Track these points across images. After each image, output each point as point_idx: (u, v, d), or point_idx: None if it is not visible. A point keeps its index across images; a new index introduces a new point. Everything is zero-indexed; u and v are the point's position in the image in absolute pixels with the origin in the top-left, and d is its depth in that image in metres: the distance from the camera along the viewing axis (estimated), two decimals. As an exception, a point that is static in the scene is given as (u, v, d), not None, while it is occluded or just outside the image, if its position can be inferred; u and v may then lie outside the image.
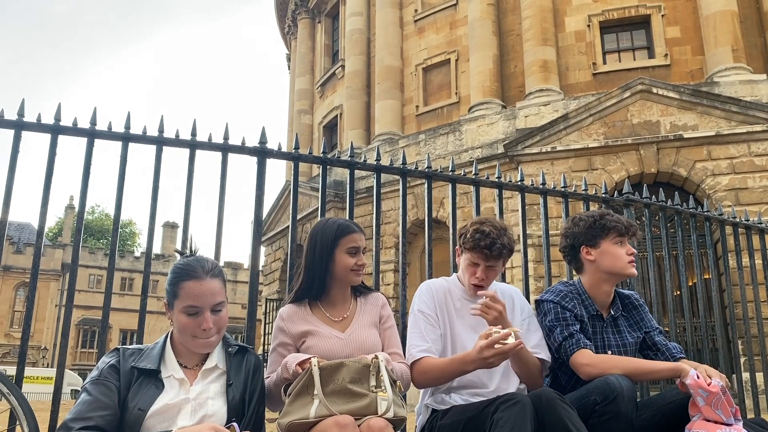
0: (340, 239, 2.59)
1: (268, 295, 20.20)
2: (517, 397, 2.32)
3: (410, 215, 14.77)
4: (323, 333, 2.53)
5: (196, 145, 3.38)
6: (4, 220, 3.04)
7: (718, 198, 12.23)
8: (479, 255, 2.74)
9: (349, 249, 2.60)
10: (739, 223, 5.26)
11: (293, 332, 2.55)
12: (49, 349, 45.40)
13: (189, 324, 2.11)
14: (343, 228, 2.62)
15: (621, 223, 2.90)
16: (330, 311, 2.62)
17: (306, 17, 24.91)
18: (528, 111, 15.03)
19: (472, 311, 2.65)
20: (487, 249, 2.71)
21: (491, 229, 2.73)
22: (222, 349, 2.26)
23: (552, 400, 2.33)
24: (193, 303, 2.10)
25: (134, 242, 59.83)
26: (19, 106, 3.11)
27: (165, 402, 2.04)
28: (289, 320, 2.58)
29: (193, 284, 2.12)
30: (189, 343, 2.14)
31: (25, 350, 3.00)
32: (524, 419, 2.24)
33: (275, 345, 2.58)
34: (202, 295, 2.11)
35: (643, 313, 3.03)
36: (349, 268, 2.59)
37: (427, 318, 2.77)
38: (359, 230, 2.66)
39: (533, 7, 15.98)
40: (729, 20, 14.47)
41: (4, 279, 45.16)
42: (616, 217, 2.94)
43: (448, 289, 2.89)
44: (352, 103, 19.98)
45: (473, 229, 2.77)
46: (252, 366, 2.25)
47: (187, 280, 2.13)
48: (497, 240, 2.71)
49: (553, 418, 2.29)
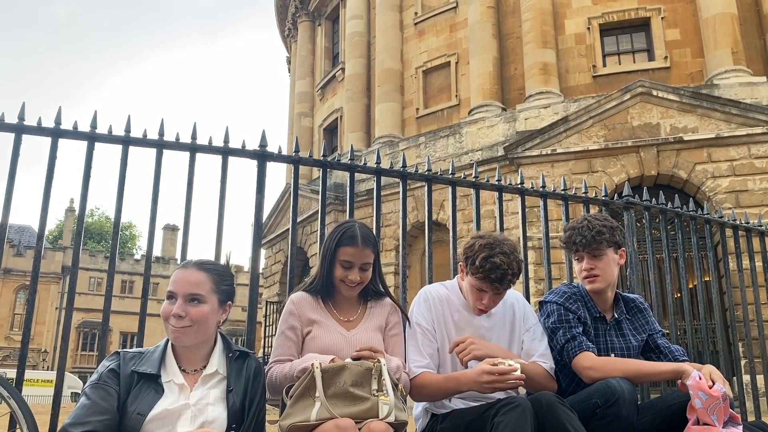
0: (338, 249, 2.57)
1: (268, 298, 20.20)
2: (517, 400, 2.31)
3: (410, 217, 14.77)
4: (329, 326, 2.54)
5: (197, 149, 3.38)
6: (5, 224, 3.04)
7: (718, 200, 12.23)
8: (488, 285, 2.61)
9: (342, 261, 2.56)
10: (739, 225, 5.26)
11: (303, 317, 2.56)
12: (49, 352, 45.37)
13: (165, 310, 2.15)
14: (343, 239, 2.57)
15: (571, 241, 2.89)
16: (338, 310, 2.63)
17: (306, 20, 24.94)
18: (528, 113, 15.04)
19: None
20: (497, 282, 2.59)
21: (501, 260, 2.56)
22: (223, 353, 2.25)
23: (552, 403, 2.33)
24: (171, 288, 2.16)
25: (134, 245, 59.87)
26: (19, 109, 3.11)
27: (164, 407, 2.03)
28: (300, 305, 2.59)
29: (178, 272, 2.21)
30: (168, 333, 2.17)
31: (26, 353, 2.99)
32: (524, 423, 2.23)
33: (284, 328, 2.58)
34: (179, 281, 2.17)
35: (648, 316, 3.03)
36: (340, 280, 2.57)
37: (425, 332, 2.72)
38: (363, 245, 2.55)
39: (533, 9, 16.00)
40: (729, 22, 14.49)
41: (5, 282, 45.13)
42: (574, 233, 2.89)
43: (447, 297, 2.82)
44: (353, 106, 20.00)
45: (482, 257, 2.58)
46: (253, 371, 2.24)
47: (177, 270, 2.23)
48: (508, 271, 2.58)
49: (554, 422, 2.29)
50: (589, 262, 2.85)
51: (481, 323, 2.79)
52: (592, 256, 2.84)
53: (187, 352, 2.19)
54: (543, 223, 4.25)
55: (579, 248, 2.86)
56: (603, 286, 2.89)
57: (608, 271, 2.86)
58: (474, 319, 2.79)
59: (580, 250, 2.87)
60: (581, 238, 2.84)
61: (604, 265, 2.85)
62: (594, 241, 2.82)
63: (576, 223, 2.92)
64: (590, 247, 2.83)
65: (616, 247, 2.89)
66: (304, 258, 18.88)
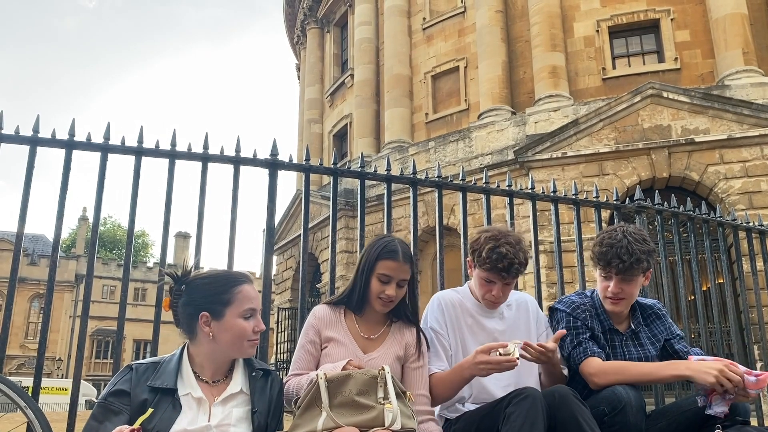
0: (377, 262, 2.53)
1: (279, 304, 20.22)
2: (527, 391, 2.31)
3: (421, 222, 14.76)
4: (347, 345, 2.52)
5: (209, 158, 3.40)
6: (21, 234, 3.08)
7: (731, 202, 12.13)
8: (496, 276, 2.64)
9: (381, 275, 2.52)
10: (752, 228, 5.22)
11: (322, 333, 2.56)
12: (63, 360, 45.67)
13: (248, 328, 2.13)
14: (384, 252, 2.52)
15: (605, 260, 2.72)
16: (361, 325, 2.61)
17: (315, 27, 25.05)
18: (538, 117, 15.00)
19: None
20: (505, 272, 2.61)
21: (507, 249, 2.59)
22: (245, 370, 2.23)
23: (565, 395, 2.33)
24: (252, 306, 2.16)
25: (147, 253, 60.16)
26: (34, 122, 3.14)
27: (183, 426, 1.99)
28: (322, 320, 2.59)
29: (249, 288, 2.19)
30: (239, 350, 2.15)
31: (42, 363, 3.02)
32: (536, 413, 2.23)
33: (304, 342, 2.58)
34: (255, 297, 2.19)
35: (666, 321, 2.97)
36: (376, 295, 2.53)
37: (439, 336, 2.73)
38: (403, 260, 2.52)
39: (541, 13, 15.98)
40: (739, 23, 14.40)
41: (19, 291, 45.52)
42: (611, 251, 2.70)
43: (460, 302, 2.83)
44: (362, 112, 20.05)
45: (488, 248, 2.61)
46: (276, 391, 2.24)
47: (239, 285, 2.17)
48: (515, 260, 2.60)
49: (566, 414, 2.28)
50: (617, 286, 2.74)
51: (495, 327, 2.79)
52: (622, 280, 2.73)
53: (208, 362, 2.16)
54: (554, 228, 4.24)
55: (612, 272, 2.72)
56: (624, 310, 2.84)
57: (634, 294, 2.79)
58: (487, 323, 2.79)
59: (611, 274, 2.73)
60: (619, 263, 2.68)
61: (631, 289, 2.76)
62: (631, 269, 2.69)
63: (614, 240, 2.71)
64: (625, 273, 2.71)
65: (646, 270, 2.79)
66: (315, 264, 18.90)
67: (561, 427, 2.28)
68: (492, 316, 2.82)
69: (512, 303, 2.89)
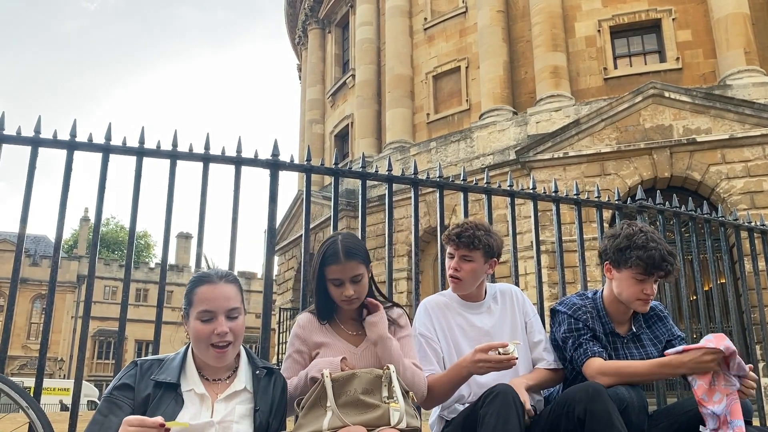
0: (323, 269, 2.48)
1: (281, 305, 20.24)
2: (497, 388, 2.31)
3: (422, 222, 14.76)
4: (338, 347, 2.51)
5: (210, 159, 3.41)
6: (22, 234, 3.09)
7: (732, 201, 12.12)
8: (452, 245, 2.80)
9: (332, 280, 2.47)
10: (754, 228, 5.21)
11: (309, 341, 2.53)
12: (65, 361, 45.71)
13: (204, 331, 2.05)
14: (326, 258, 2.47)
15: (648, 262, 2.64)
16: (345, 325, 2.59)
17: (316, 28, 25.07)
18: (539, 117, 15.00)
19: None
20: (455, 236, 2.77)
21: (467, 223, 2.81)
22: (249, 368, 2.22)
23: (600, 390, 2.35)
24: (207, 307, 2.06)
25: (149, 253, 60.20)
26: (35, 123, 3.15)
27: (186, 421, 1.98)
28: (306, 329, 2.55)
29: (206, 288, 2.09)
30: (205, 354, 2.09)
31: (44, 364, 3.02)
32: (508, 409, 2.23)
33: (291, 351, 2.55)
34: (215, 298, 2.07)
35: (667, 322, 2.96)
36: (338, 299, 2.50)
37: (428, 341, 2.75)
38: (346, 260, 2.44)
39: (543, 13, 15.98)
40: (741, 22, 14.39)
41: (21, 291, 45.57)
42: (649, 253, 2.63)
43: (447, 304, 2.86)
44: (363, 112, 20.06)
45: (450, 227, 2.85)
46: (279, 389, 2.23)
47: (200, 285, 2.11)
48: (469, 229, 2.76)
49: (600, 408, 2.29)
50: (652, 288, 2.72)
51: (483, 324, 2.83)
52: (655, 282, 2.71)
53: (203, 361, 2.15)
54: (556, 228, 4.23)
55: (654, 276, 2.67)
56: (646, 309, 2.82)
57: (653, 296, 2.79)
58: (477, 320, 2.84)
59: (652, 278, 2.68)
60: (666, 265, 2.65)
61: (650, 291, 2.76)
62: (670, 274, 2.69)
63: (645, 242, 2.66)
64: (665, 277, 2.70)
65: None
66: (316, 264, 18.88)
67: (592, 418, 2.29)
68: (480, 313, 2.87)
69: (497, 296, 2.93)
